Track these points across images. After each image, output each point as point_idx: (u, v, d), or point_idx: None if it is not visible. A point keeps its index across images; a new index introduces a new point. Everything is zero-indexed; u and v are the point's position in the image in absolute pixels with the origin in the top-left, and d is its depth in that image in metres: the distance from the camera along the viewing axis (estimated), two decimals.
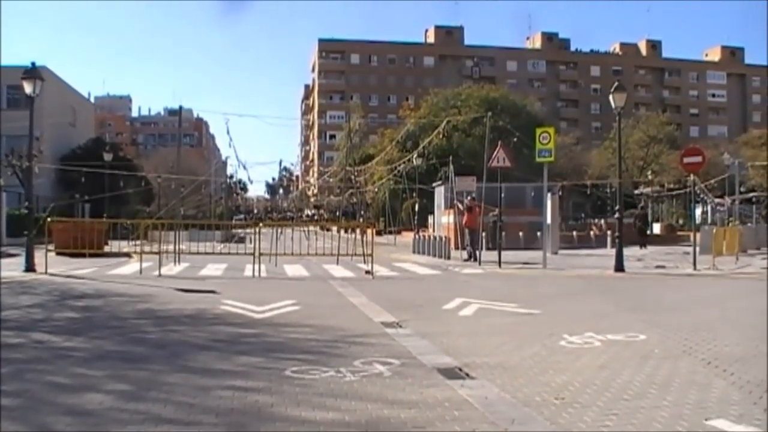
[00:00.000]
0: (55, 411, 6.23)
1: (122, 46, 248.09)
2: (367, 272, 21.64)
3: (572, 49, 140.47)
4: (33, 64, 22.95)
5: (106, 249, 28.42)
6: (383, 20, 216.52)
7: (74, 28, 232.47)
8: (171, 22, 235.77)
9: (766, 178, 65.20)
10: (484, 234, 28.23)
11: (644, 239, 37.98)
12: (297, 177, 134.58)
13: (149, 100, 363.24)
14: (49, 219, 25.53)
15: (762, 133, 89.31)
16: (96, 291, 16.55)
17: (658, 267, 23.99)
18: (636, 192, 58.98)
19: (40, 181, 38.87)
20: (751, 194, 56.13)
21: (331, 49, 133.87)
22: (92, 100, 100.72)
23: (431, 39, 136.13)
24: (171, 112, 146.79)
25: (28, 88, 22.03)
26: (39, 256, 21.49)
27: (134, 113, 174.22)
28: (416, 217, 48.74)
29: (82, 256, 24.41)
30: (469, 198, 28.92)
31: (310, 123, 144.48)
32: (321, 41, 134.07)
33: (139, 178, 63.68)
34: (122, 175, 53.77)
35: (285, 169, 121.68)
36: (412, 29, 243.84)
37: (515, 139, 37.43)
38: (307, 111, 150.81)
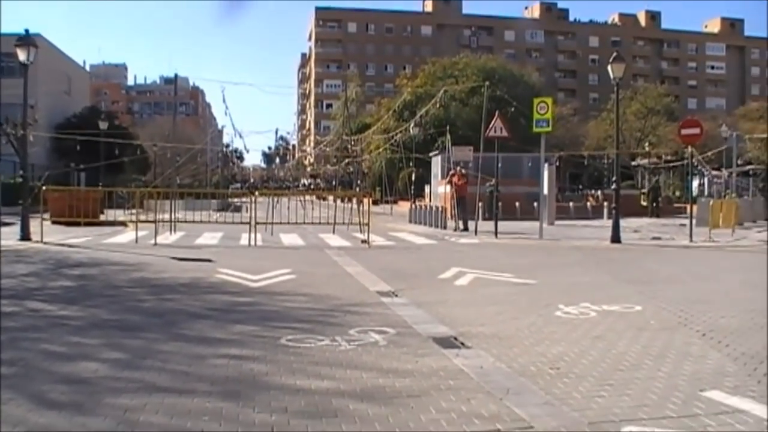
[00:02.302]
0: (50, 379, 6.23)
1: (118, 14, 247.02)
2: (363, 241, 21.63)
3: (571, 19, 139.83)
4: (27, 31, 22.73)
5: (102, 218, 28.44)
6: None
7: None
8: None
9: (764, 150, 65.21)
10: (480, 204, 28.19)
11: (657, 210, 40.18)
12: (293, 146, 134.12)
13: (145, 69, 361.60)
14: (44, 187, 25.48)
15: (760, 106, 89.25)
16: (91, 260, 16.54)
17: (654, 239, 24.00)
18: (633, 164, 58.94)
19: (35, 150, 38.68)
20: (748, 167, 56.14)
21: (328, 18, 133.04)
22: (87, 68, 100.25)
23: (429, 8, 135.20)
24: (167, 81, 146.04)
25: (22, 55, 21.84)
26: (34, 224, 21.43)
27: (130, 82, 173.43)
28: (413, 187, 48.74)
29: (78, 224, 24.37)
30: (457, 168, 28.90)
31: (307, 92, 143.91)
32: (318, 9, 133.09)
33: (135, 147, 63.49)
34: (118, 143, 53.54)
35: (281, 138, 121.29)
36: None
37: (513, 109, 37.46)
38: (303, 80, 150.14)
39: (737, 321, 9.18)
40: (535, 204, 28.70)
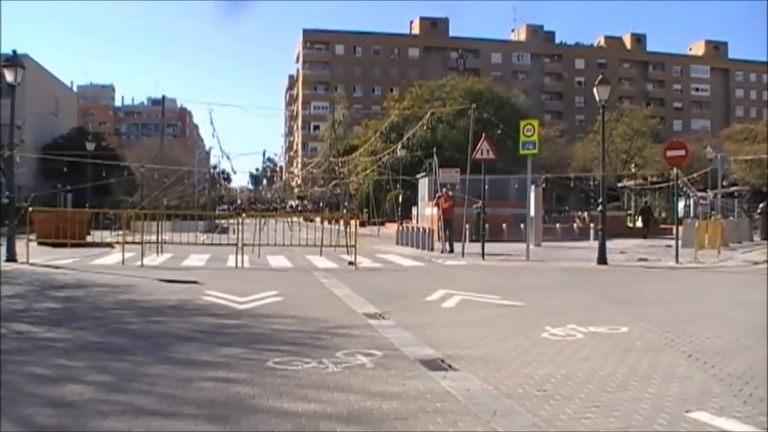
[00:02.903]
0: (36, 402, 6.20)
1: (105, 35, 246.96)
2: (351, 263, 21.63)
3: (557, 41, 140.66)
4: (14, 52, 22.76)
5: (89, 239, 28.34)
6: (368, 11, 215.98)
7: (56, 16, 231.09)
8: (154, 11, 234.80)
9: (749, 172, 65.67)
10: (467, 226, 28.25)
11: (647, 231, 41.04)
12: (281, 168, 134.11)
13: (132, 90, 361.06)
14: (30, 208, 25.40)
15: (744, 128, 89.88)
16: (78, 281, 16.47)
17: (640, 260, 24.09)
18: (619, 185, 59.18)
19: (21, 171, 38.66)
20: (734, 188, 56.55)
21: (315, 40, 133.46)
22: (75, 89, 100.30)
23: (416, 30, 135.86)
24: (154, 102, 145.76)
25: (9, 76, 21.83)
26: (20, 245, 21.34)
27: (117, 103, 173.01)
28: (400, 209, 48.79)
29: (64, 246, 24.27)
30: (444, 191, 29.01)
31: (294, 113, 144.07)
32: (306, 31, 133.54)
33: (122, 168, 63.32)
34: (105, 164, 53.45)
35: (269, 159, 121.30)
36: (397, 20, 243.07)
37: (499, 131, 37.49)
38: (291, 101, 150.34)
39: (723, 342, 9.22)
40: (522, 225, 28.75)
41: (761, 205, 41.81)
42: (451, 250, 26.78)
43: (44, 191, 49.87)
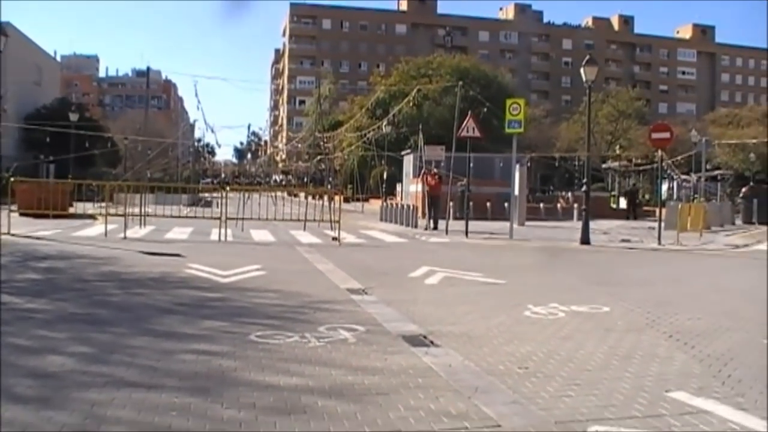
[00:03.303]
0: (16, 373, 6.16)
1: (90, 4, 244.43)
2: (334, 239, 21.62)
3: (545, 21, 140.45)
4: None
5: (71, 210, 28.21)
6: None
7: None
8: None
9: (732, 156, 66.03)
10: (452, 204, 28.30)
11: (634, 212, 41.58)
12: (265, 142, 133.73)
13: (117, 61, 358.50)
14: (12, 179, 25.22)
15: (729, 112, 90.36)
16: (60, 253, 16.40)
17: (623, 241, 24.20)
18: (604, 166, 59.39)
19: (3, 141, 38.38)
20: (717, 172, 56.84)
21: (302, 14, 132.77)
22: (58, 59, 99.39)
23: (404, 7, 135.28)
24: (139, 74, 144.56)
25: None
26: (2, 216, 21.19)
27: (101, 74, 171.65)
28: (384, 185, 48.85)
29: (46, 217, 24.15)
30: (433, 167, 29.01)
31: (280, 88, 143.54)
32: (293, 5, 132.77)
33: (106, 140, 63.07)
34: (88, 136, 53.22)
35: (253, 133, 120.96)
36: None
37: (485, 110, 37.52)
38: (277, 75, 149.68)
39: (703, 323, 9.27)
40: (506, 204, 28.83)
41: (744, 190, 42.07)
42: (436, 228, 26.84)
43: (26, 161, 49.61)
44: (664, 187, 44.80)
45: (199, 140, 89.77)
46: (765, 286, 12.26)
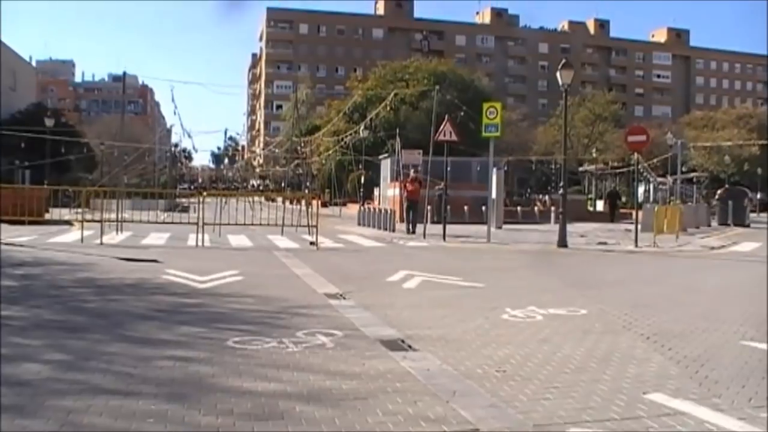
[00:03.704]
0: None
1: (65, 8, 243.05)
2: (312, 243, 21.59)
3: (521, 25, 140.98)
4: None
5: (47, 216, 27.98)
6: None
7: None
8: None
9: (707, 159, 66.55)
10: (429, 208, 28.34)
11: (614, 215, 42.11)
12: (243, 147, 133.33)
13: (93, 66, 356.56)
14: None
15: (704, 115, 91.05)
16: (35, 259, 16.28)
17: (600, 243, 24.29)
18: (580, 169, 59.72)
19: None
20: (692, 174, 57.27)
21: (279, 18, 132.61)
22: (34, 63, 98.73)
23: (381, 11, 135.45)
24: (115, 78, 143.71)
25: None
26: None
27: (77, 78, 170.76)
28: (362, 190, 48.86)
29: (22, 223, 23.94)
30: (413, 171, 29.02)
31: (257, 92, 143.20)
32: (269, 10, 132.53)
33: (82, 145, 62.68)
34: (64, 141, 52.92)
35: (230, 138, 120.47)
36: (361, 1, 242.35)
37: (462, 114, 37.58)
38: (254, 80, 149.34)
39: (680, 325, 9.32)
40: (484, 208, 28.88)
41: (719, 192, 42.44)
42: (413, 232, 26.84)
43: (1, 167, 49.20)
44: (641, 189, 45.07)
45: (176, 145, 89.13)
46: (740, 287, 12.35)
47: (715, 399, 5.93)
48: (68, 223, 26.66)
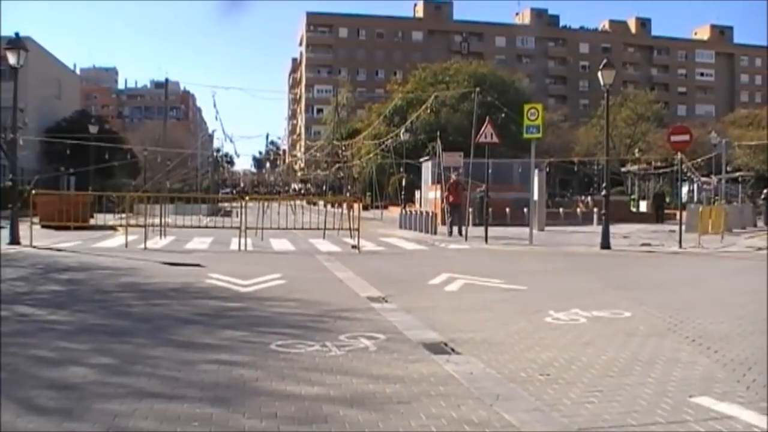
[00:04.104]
0: (38, 385, 6.19)
1: (108, 17, 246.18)
2: (354, 247, 21.62)
3: (561, 25, 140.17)
4: (17, 34, 22.68)
5: (92, 222, 28.40)
6: None
7: None
8: None
9: (752, 157, 65.54)
10: (471, 210, 28.24)
11: (660, 216, 40.99)
12: (284, 151, 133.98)
13: (135, 73, 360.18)
14: (33, 191, 25.40)
15: (749, 113, 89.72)
16: (80, 264, 16.49)
17: (643, 245, 24.05)
18: (623, 170, 59.13)
19: (24, 154, 38.65)
20: (737, 174, 56.38)
21: (319, 23, 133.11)
22: (78, 71, 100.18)
23: (420, 13, 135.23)
24: (157, 85, 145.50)
25: (12, 58, 21.77)
26: (23, 228, 21.36)
27: (120, 86, 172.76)
28: (403, 192, 48.82)
29: (67, 229, 24.31)
30: (455, 174, 28.93)
31: (298, 97, 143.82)
32: (309, 14, 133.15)
33: (125, 151, 63.41)
34: (108, 147, 53.53)
35: (272, 142, 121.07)
36: (401, 4, 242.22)
37: (503, 115, 37.48)
38: (294, 85, 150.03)
39: (726, 327, 9.20)
40: (525, 210, 28.74)
41: (765, 191, 41.76)
42: (457, 233, 26.73)
43: (47, 174, 50.09)
44: (685, 189, 44.56)
45: (218, 150, 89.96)
46: None
47: (763, 403, 5.82)
48: (112, 228, 26.99)
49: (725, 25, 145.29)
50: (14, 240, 20.86)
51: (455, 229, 27.26)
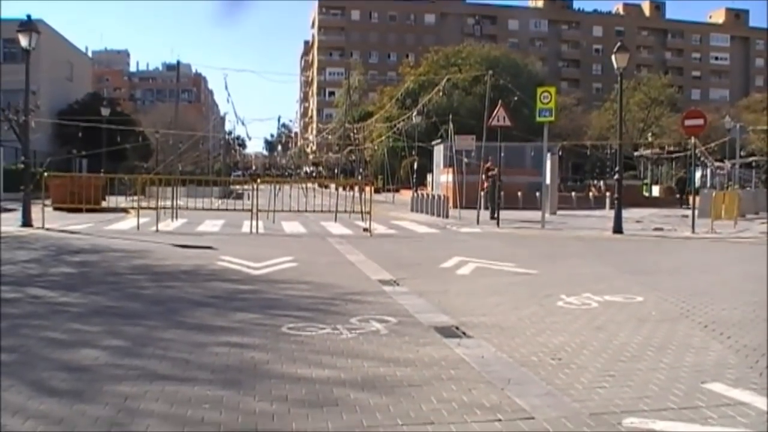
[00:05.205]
0: (51, 366, 6.21)
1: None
2: (365, 230, 21.62)
3: (575, 8, 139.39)
4: (29, 17, 22.66)
5: (104, 204, 28.49)
6: None
7: None
8: None
9: (767, 142, 65.11)
10: (482, 194, 28.17)
11: (683, 200, 41.09)
12: (295, 134, 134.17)
13: (147, 55, 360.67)
14: (45, 174, 25.45)
15: (763, 97, 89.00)
16: (92, 246, 16.53)
17: (656, 229, 23.97)
18: (636, 154, 58.85)
19: (36, 136, 38.75)
20: (751, 159, 56.07)
21: (331, 5, 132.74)
22: (89, 54, 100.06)
23: None
24: (169, 68, 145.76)
25: (24, 41, 21.77)
26: (36, 211, 21.41)
27: (132, 68, 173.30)
28: (415, 176, 48.69)
29: (79, 211, 24.36)
30: (489, 162, 28.64)
31: (310, 79, 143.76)
32: None
33: (137, 134, 63.35)
34: (120, 130, 53.55)
35: (284, 125, 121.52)
36: None
37: (515, 99, 37.23)
38: (306, 67, 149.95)
39: (739, 313, 9.16)
40: (537, 194, 28.65)
41: None
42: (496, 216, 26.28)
43: (59, 157, 50.15)
44: (698, 174, 44.33)
45: (230, 133, 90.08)
46: None
47: None
48: (124, 210, 27.06)
49: (740, 9, 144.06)
50: (26, 222, 20.92)
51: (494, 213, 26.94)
